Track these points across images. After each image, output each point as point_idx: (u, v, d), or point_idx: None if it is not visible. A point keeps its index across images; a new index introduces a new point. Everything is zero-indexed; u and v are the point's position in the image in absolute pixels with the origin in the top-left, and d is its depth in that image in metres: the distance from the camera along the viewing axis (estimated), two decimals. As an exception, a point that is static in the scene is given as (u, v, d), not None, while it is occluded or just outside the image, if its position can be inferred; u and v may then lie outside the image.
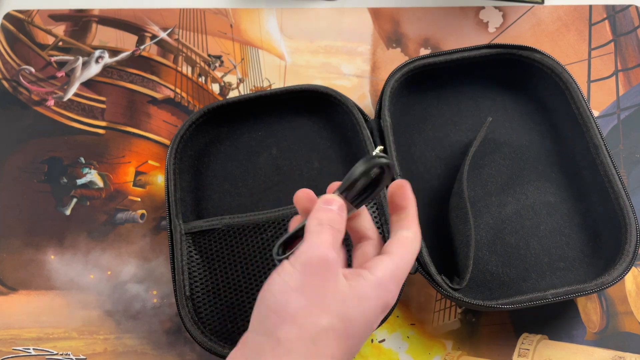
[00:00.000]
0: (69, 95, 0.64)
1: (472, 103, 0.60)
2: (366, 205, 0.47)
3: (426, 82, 0.59)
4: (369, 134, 0.55)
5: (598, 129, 0.54)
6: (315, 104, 0.58)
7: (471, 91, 0.61)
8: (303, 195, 0.39)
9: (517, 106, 0.60)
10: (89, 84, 0.65)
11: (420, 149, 0.59)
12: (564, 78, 0.56)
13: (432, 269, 0.49)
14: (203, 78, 0.65)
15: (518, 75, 0.59)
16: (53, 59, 0.66)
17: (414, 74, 0.58)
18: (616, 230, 0.51)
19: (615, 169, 0.52)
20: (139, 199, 0.59)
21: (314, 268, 0.35)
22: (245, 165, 0.58)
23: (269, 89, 0.59)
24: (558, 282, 0.51)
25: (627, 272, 0.48)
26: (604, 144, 0.53)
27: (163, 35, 0.67)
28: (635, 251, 0.49)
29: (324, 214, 0.37)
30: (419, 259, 0.50)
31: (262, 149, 0.58)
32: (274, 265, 0.37)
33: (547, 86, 0.58)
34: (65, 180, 0.60)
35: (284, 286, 0.34)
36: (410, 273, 0.49)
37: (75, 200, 0.59)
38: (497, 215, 0.55)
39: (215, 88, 0.64)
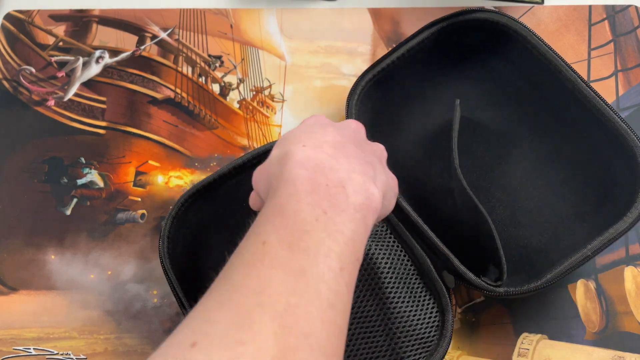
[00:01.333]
0: (70, 95, 0.64)
1: (437, 87, 0.58)
2: None
3: (388, 84, 0.57)
4: None
5: (567, 65, 0.51)
6: None
7: (432, 76, 0.58)
8: None
9: (483, 74, 0.57)
10: (89, 84, 0.65)
11: (404, 149, 0.57)
12: (513, 27, 0.52)
13: (471, 276, 0.47)
14: (203, 78, 0.65)
15: (471, 43, 0.55)
16: (53, 59, 0.66)
17: (375, 82, 0.55)
18: (627, 158, 0.47)
19: (600, 97, 0.49)
20: (140, 199, 0.59)
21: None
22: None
23: (240, 156, 0.51)
24: (589, 228, 0.48)
25: None
26: (579, 77, 0.50)
27: (163, 35, 0.68)
28: None
29: None
30: (455, 271, 0.48)
31: (252, 218, 0.53)
32: None
33: (503, 43, 0.54)
34: (65, 180, 0.60)
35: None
36: (451, 288, 0.48)
37: (75, 200, 0.59)
38: (507, 186, 0.53)
39: (216, 88, 0.64)
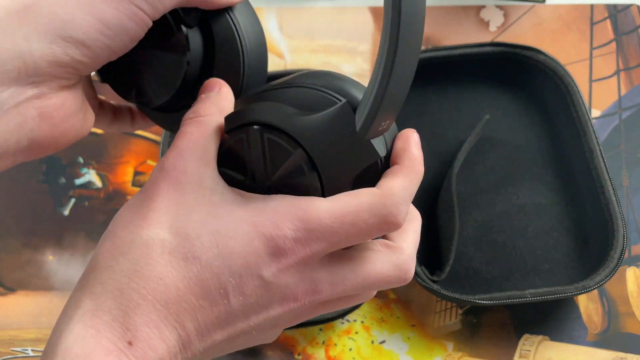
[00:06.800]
0: (68, 94, 0.64)
1: (472, 100, 0.60)
2: None
3: (427, 77, 0.59)
4: None
5: (595, 134, 0.54)
6: None
7: (472, 88, 0.61)
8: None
9: (516, 106, 0.60)
10: (87, 83, 0.64)
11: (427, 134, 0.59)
12: (565, 81, 0.56)
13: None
14: (202, 77, 0.65)
15: (520, 75, 0.59)
16: (51, 58, 0.66)
17: (423, 64, 0.58)
18: (604, 236, 0.51)
19: (608, 174, 0.52)
20: (138, 199, 0.59)
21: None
22: None
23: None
24: (540, 283, 0.52)
25: (609, 278, 0.48)
26: (599, 150, 0.53)
27: (162, 34, 0.67)
28: (620, 257, 0.49)
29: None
30: None
31: None
32: None
33: (548, 88, 0.58)
34: (63, 180, 0.60)
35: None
36: None
37: (73, 200, 0.59)
38: (487, 213, 0.55)
39: (215, 87, 0.64)
